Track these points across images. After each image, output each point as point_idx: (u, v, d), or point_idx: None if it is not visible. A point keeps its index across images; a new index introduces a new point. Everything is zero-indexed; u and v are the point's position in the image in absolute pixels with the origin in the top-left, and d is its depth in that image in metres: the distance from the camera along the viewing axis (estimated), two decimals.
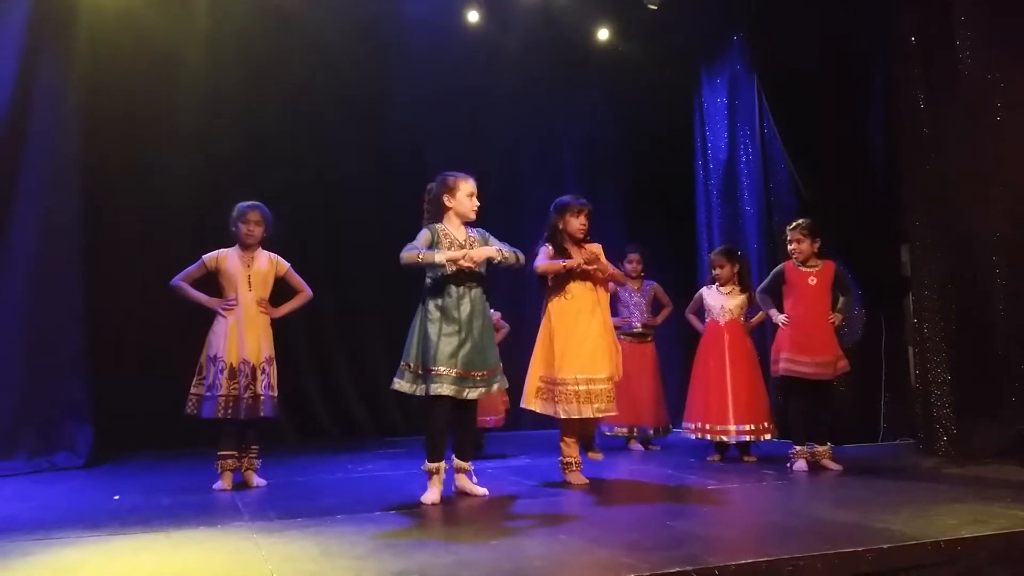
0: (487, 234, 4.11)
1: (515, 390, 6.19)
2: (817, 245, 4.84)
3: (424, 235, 3.93)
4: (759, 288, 5.15)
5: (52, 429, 5.37)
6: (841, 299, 4.87)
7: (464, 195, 4.01)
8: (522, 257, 4.06)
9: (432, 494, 3.78)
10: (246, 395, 4.26)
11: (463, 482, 3.99)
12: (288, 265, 4.59)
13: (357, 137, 7.22)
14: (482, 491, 3.95)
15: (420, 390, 3.83)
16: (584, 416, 4.15)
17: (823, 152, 6.28)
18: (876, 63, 6.15)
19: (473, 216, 4.06)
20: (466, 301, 3.90)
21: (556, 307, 4.33)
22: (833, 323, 4.78)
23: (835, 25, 6.20)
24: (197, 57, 6.56)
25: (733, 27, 7.16)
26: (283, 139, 6.93)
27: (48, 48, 5.51)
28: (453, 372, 3.79)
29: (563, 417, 4.19)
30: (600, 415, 4.19)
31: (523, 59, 7.52)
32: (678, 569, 2.36)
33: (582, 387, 4.14)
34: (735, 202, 7.18)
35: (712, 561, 2.45)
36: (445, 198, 4.01)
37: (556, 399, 4.18)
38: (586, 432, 4.44)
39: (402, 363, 3.89)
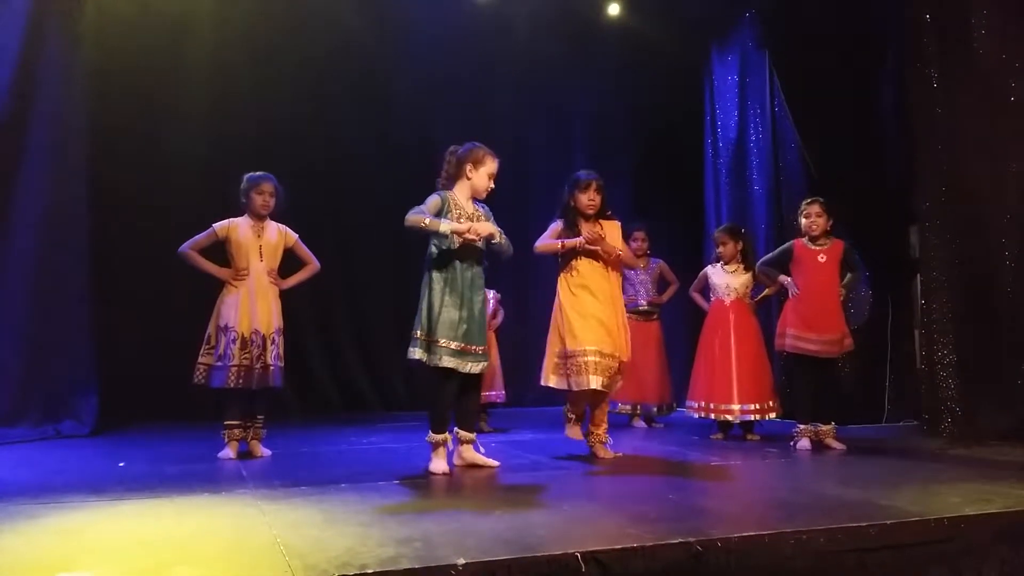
0: (490, 213, 4.14)
1: (515, 367, 6.32)
2: (831, 223, 4.81)
3: (434, 200, 3.93)
4: (761, 260, 5.11)
5: (58, 397, 5.42)
6: (848, 275, 4.84)
7: (485, 172, 4.02)
8: (511, 249, 4.07)
9: (439, 464, 3.81)
10: (257, 365, 4.27)
11: (471, 454, 4.01)
12: (296, 236, 4.58)
13: (365, 112, 7.18)
14: (494, 463, 3.97)
15: (427, 358, 3.85)
16: (591, 387, 4.08)
17: (834, 132, 6.22)
18: (889, 42, 6.08)
19: (484, 195, 4.08)
20: (469, 275, 3.92)
21: (563, 283, 4.31)
22: (839, 297, 4.77)
23: (848, 2, 6.13)
24: (205, 34, 6.54)
25: (744, 3, 7.09)
26: (291, 115, 6.91)
27: (53, 25, 5.48)
28: (452, 345, 3.82)
29: (575, 389, 4.17)
30: (601, 388, 4.12)
31: (532, 34, 7.45)
32: (681, 540, 2.36)
33: (590, 358, 4.09)
34: (744, 181, 7.13)
35: (715, 533, 2.45)
36: (468, 167, 4.01)
37: (568, 372, 4.17)
38: (595, 423, 4.37)
39: (413, 332, 3.90)
